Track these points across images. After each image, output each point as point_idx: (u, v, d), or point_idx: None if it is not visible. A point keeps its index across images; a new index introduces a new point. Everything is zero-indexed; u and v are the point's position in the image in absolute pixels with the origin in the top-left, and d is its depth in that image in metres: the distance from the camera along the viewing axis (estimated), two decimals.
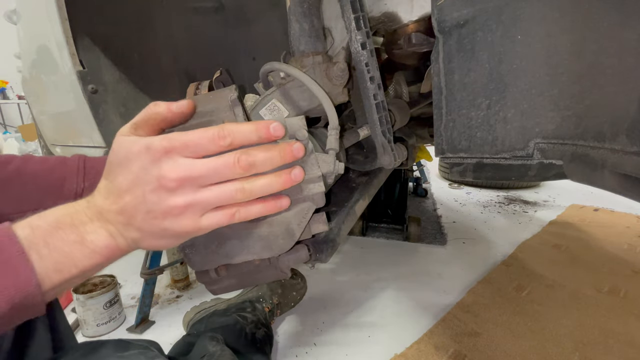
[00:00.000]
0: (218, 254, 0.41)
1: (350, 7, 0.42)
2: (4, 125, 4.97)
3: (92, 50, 0.83)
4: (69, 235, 0.32)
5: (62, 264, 0.31)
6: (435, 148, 0.44)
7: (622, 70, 0.28)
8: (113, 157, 0.33)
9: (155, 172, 0.31)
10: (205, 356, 0.70)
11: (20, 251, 0.30)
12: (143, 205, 0.32)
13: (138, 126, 0.34)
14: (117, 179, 0.33)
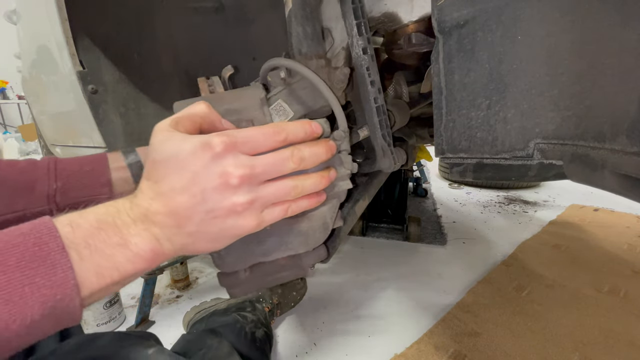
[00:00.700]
0: (255, 253, 0.41)
1: (352, 14, 0.43)
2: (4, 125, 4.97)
3: (92, 51, 0.83)
4: (112, 237, 0.29)
5: (103, 267, 0.28)
6: (435, 148, 0.44)
7: (622, 70, 0.28)
8: (157, 155, 0.31)
9: (217, 169, 0.30)
10: (203, 349, 0.70)
11: (60, 247, 0.27)
12: (202, 205, 0.30)
13: (179, 123, 0.32)
14: (168, 179, 0.30)
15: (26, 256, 0.26)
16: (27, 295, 0.25)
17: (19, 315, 0.25)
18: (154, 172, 0.31)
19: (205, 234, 0.32)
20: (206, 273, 1.32)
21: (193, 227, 0.31)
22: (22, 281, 0.25)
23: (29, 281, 0.25)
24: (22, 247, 0.26)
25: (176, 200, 0.30)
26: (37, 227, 0.27)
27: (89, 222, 0.29)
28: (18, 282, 0.25)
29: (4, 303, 0.25)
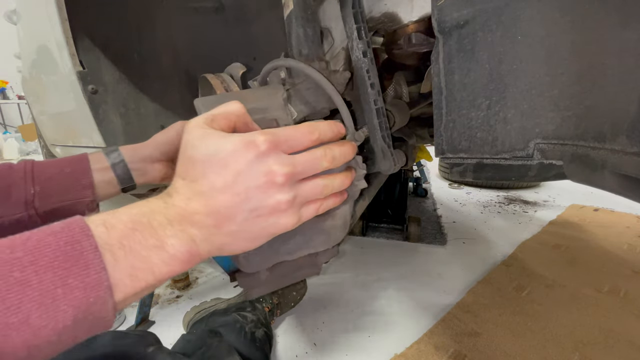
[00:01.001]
0: (279, 252, 0.41)
1: (352, 19, 0.44)
2: (4, 125, 4.98)
3: (92, 51, 0.83)
4: (148, 238, 0.28)
5: (138, 269, 0.27)
6: (435, 148, 0.44)
7: (622, 70, 0.28)
8: (195, 153, 0.30)
9: (262, 167, 0.30)
10: (202, 348, 0.71)
11: (94, 247, 0.25)
12: (246, 204, 0.30)
13: (215, 120, 0.32)
14: (208, 177, 0.30)
15: (58, 256, 0.24)
16: (60, 297, 0.24)
17: (51, 320, 0.23)
18: (191, 171, 0.31)
19: (245, 233, 0.31)
20: (206, 273, 1.32)
21: (234, 226, 0.30)
22: (55, 282, 0.24)
23: (62, 282, 0.24)
24: (53, 246, 0.25)
25: (218, 199, 0.30)
26: (69, 226, 0.26)
27: (123, 222, 0.28)
28: (50, 284, 0.23)
29: (36, 307, 0.23)
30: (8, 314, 0.22)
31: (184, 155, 0.31)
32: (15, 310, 0.22)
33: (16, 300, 0.22)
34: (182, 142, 0.32)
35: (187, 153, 0.31)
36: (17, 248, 0.24)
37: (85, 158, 0.54)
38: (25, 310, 0.22)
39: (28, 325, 0.22)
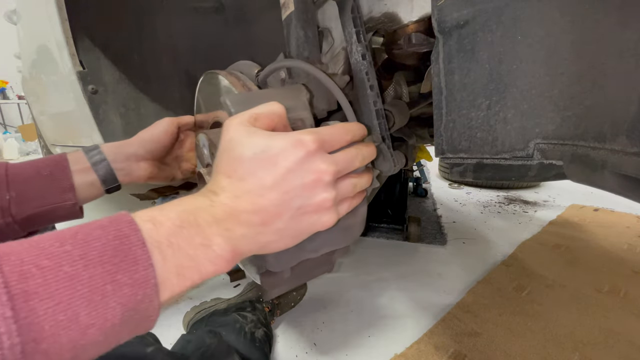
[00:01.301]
0: (306, 250, 0.41)
1: (351, 23, 0.45)
2: (4, 125, 4.98)
3: (92, 51, 0.83)
4: (194, 236, 0.27)
5: (185, 268, 0.27)
6: (435, 148, 0.44)
7: (622, 70, 0.28)
8: (242, 151, 0.30)
9: (312, 166, 0.31)
10: (202, 348, 0.71)
11: (141, 242, 0.24)
12: (294, 201, 0.30)
13: (258, 119, 0.32)
14: (256, 176, 0.30)
15: (107, 250, 0.23)
16: (109, 294, 0.22)
17: (100, 319, 0.22)
18: (239, 169, 0.30)
19: (290, 231, 0.32)
20: None
21: (281, 224, 0.31)
22: (104, 278, 0.22)
23: (111, 278, 0.23)
24: (103, 240, 0.23)
25: (266, 197, 0.30)
26: (116, 220, 0.25)
27: (170, 219, 0.27)
28: (100, 279, 0.22)
29: (85, 304, 0.22)
30: (57, 311, 0.21)
31: (229, 154, 0.31)
32: (65, 307, 0.21)
33: (66, 296, 0.21)
34: (225, 140, 0.32)
35: (234, 151, 0.31)
36: (66, 241, 0.23)
37: (63, 159, 0.51)
38: (75, 308, 0.21)
39: (77, 323, 0.21)
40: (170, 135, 0.58)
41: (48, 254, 0.22)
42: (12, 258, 0.21)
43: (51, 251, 0.22)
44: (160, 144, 0.57)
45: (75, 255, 0.22)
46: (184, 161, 0.64)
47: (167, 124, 0.57)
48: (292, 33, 0.48)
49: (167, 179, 0.62)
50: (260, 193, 0.30)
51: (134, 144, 0.55)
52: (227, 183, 0.30)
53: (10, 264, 0.20)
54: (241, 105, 0.37)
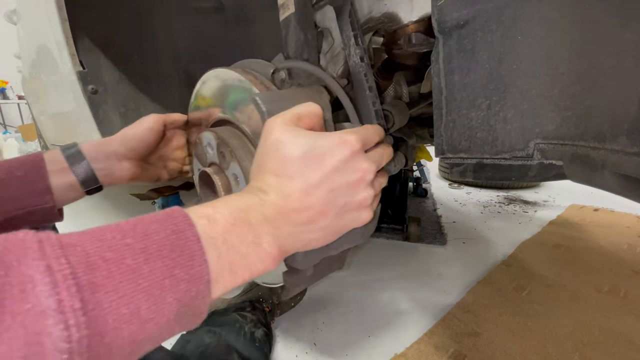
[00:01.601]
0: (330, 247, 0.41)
1: (349, 26, 0.46)
2: (4, 125, 4.97)
3: (92, 51, 0.83)
4: (246, 234, 0.28)
5: (237, 265, 0.27)
6: (435, 148, 0.44)
7: (622, 70, 0.28)
8: (290, 151, 0.31)
9: (357, 165, 0.32)
10: (201, 347, 0.71)
11: (196, 238, 0.25)
12: (340, 199, 0.32)
13: (301, 119, 0.34)
14: (304, 174, 0.30)
15: (166, 244, 0.23)
16: (167, 289, 0.22)
17: (158, 314, 0.22)
18: (287, 168, 0.31)
19: (333, 228, 0.33)
20: None
21: (327, 221, 0.32)
22: (163, 272, 0.22)
23: (169, 273, 0.23)
24: (161, 234, 0.23)
25: (314, 195, 0.31)
26: (171, 214, 0.25)
27: (224, 217, 0.27)
28: (159, 273, 0.22)
29: (145, 298, 0.21)
30: (121, 304, 0.20)
31: (276, 154, 0.32)
32: (128, 300, 0.21)
33: (129, 289, 0.21)
34: (271, 140, 0.32)
35: (281, 151, 0.31)
36: (127, 234, 0.23)
37: (39, 159, 0.47)
38: (137, 301, 0.21)
39: (138, 317, 0.21)
40: (156, 133, 0.55)
41: (111, 246, 0.21)
42: (78, 249, 0.20)
43: (114, 243, 0.22)
44: (144, 142, 0.54)
45: (137, 248, 0.22)
46: (171, 160, 0.62)
47: (152, 121, 0.54)
48: (291, 34, 0.48)
49: (151, 180, 0.60)
50: (308, 191, 0.30)
51: (115, 142, 0.52)
52: (276, 182, 0.31)
53: (76, 255, 0.20)
54: (272, 104, 0.37)
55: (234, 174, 0.46)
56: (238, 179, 0.46)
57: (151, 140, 0.55)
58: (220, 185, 0.47)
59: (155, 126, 0.55)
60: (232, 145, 0.45)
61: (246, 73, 0.45)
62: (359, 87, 0.47)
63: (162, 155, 0.61)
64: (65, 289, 0.19)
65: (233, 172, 0.46)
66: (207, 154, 0.50)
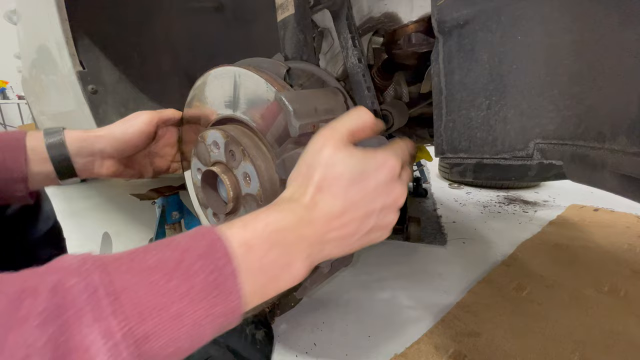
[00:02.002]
0: None
1: (347, 29, 0.47)
2: (4, 125, 4.97)
3: (92, 51, 0.83)
4: (280, 257, 0.29)
5: (268, 287, 0.28)
6: (435, 148, 0.44)
7: (622, 70, 0.28)
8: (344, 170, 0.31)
9: (393, 190, 0.33)
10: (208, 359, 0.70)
11: (235, 275, 0.26)
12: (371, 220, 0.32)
13: (355, 134, 0.34)
14: (347, 194, 0.31)
15: (208, 284, 0.25)
16: (206, 325, 0.25)
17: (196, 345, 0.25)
18: (334, 186, 0.31)
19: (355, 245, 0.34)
20: None
21: (354, 239, 0.33)
22: (204, 312, 0.25)
23: (209, 312, 0.25)
24: (204, 274, 0.25)
25: (351, 215, 0.31)
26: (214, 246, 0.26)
27: (262, 240, 0.28)
28: (201, 313, 0.24)
29: (186, 337, 0.24)
30: (168, 346, 0.23)
31: (326, 169, 0.32)
32: (174, 342, 0.23)
33: (174, 333, 0.23)
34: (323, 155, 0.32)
35: (335, 169, 0.31)
36: (172, 275, 0.24)
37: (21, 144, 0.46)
38: (181, 341, 0.24)
39: (180, 351, 0.24)
40: (146, 136, 0.53)
41: (159, 291, 0.23)
42: (131, 295, 0.22)
43: (161, 287, 0.23)
44: (132, 144, 0.52)
45: (182, 291, 0.24)
46: (158, 157, 0.60)
47: (143, 122, 0.52)
48: (291, 35, 0.48)
49: (133, 177, 0.58)
50: (348, 210, 0.31)
51: (102, 141, 0.50)
52: (320, 197, 0.31)
53: (130, 304, 0.22)
54: (298, 103, 0.38)
55: (245, 172, 0.45)
56: (250, 178, 0.45)
57: (140, 143, 0.53)
58: (228, 185, 0.47)
59: (146, 128, 0.53)
60: (244, 144, 0.44)
61: (260, 72, 0.45)
62: (357, 88, 0.48)
63: (150, 152, 0.59)
64: (125, 348, 0.21)
65: (244, 171, 0.45)
66: (211, 152, 0.49)
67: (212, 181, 0.53)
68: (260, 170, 0.44)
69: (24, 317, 0.19)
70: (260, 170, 0.44)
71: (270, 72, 0.45)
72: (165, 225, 1.14)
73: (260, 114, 0.45)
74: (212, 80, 0.52)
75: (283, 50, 0.49)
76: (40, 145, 0.47)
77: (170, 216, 1.15)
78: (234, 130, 0.46)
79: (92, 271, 0.22)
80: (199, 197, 0.55)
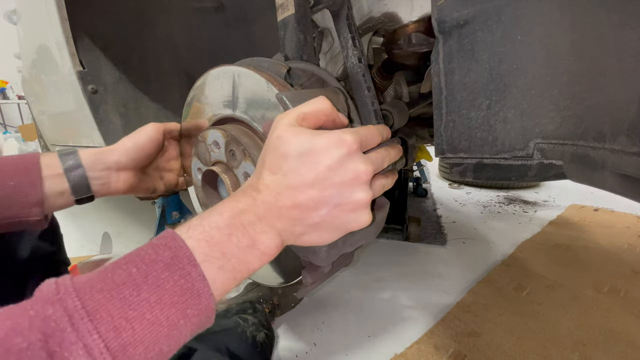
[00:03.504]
0: (346, 244, 0.42)
1: (347, 29, 0.47)
2: (4, 125, 4.97)
3: (92, 51, 0.83)
4: (242, 239, 0.30)
5: (237, 271, 0.30)
6: (435, 148, 0.44)
7: (622, 70, 0.28)
8: (289, 149, 0.32)
9: (351, 165, 0.32)
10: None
11: (202, 276, 0.28)
12: (332, 198, 0.32)
13: (306, 118, 0.34)
14: (299, 172, 0.31)
15: (177, 291, 0.26)
16: (182, 326, 0.27)
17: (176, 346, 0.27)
18: (284, 166, 0.32)
19: (326, 225, 0.33)
20: None
21: (317, 218, 0.32)
22: (177, 315, 0.26)
23: (182, 314, 0.27)
24: (171, 282, 0.27)
25: (306, 193, 0.31)
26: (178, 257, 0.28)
27: (220, 230, 0.29)
28: (174, 317, 0.26)
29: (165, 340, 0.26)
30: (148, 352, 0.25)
31: (275, 151, 0.32)
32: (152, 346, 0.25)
33: (152, 339, 0.25)
34: (274, 138, 0.33)
35: (280, 149, 0.32)
36: (142, 287, 0.26)
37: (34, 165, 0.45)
38: (160, 345, 0.26)
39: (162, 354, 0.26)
40: (156, 143, 0.54)
41: (131, 304, 0.25)
42: (104, 315, 0.24)
43: (132, 301, 0.25)
44: (145, 152, 0.53)
45: (153, 301, 0.26)
46: (166, 171, 0.61)
47: (152, 130, 0.53)
48: (291, 35, 0.48)
49: (147, 192, 0.58)
50: (300, 189, 0.31)
51: (116, 152, 0.51)
52: (271, 180, 0.32)
53: (104, 322, 0.24)
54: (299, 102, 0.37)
55: (245, 172, 0.45)
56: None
57: (151, 150, 0.54)
58: (229, 184, 0.46)
59: (155, 135, 0.54)
60: (244, 143, 0.44)
61: (261, 71, 0.44)
62: (357, 88, 0.48)
63: (159, 166, 0.59)
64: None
65: (244, 170, 0.45)
66: (211, 152, 0.49)
67: (212, 181, 0.53)
68: None
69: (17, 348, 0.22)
70: None
71: (271, 72, 0.45)
72: (165, 225, 1.14)
73: (262, 113, 0.45)
74: (211, 80, 0.52)
75: (283, 50, 0.50)
76: (56, 162, 0.47)
77: (170, 216, 1.15)
78: (235, 130, 0.46)
79: (65, 299, 0.24)
80: (199, 197, 0.55)
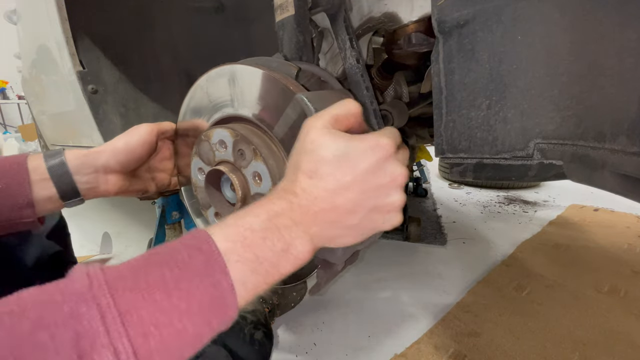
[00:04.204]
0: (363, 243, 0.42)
1: (344, 31, 0.47)
2: (4, 125, 4.97)
3: (92, 50, 0.83)
4: (277, 244, 0.30)
5: (269, 274, 0.30)
6: (435, 148, 0.44)
7: (622, 70, 0.28)
8: (326, 154, 0.32)
9: (389, 169, 0.33)
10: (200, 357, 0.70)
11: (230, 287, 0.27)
12: (370, 201, 0.32)
13: (339, 120, 0.34)
14: (336, 176, 0.31)
15: (206, 300, 0.26)
16: (206, 335, 0.27)
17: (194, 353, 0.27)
18: (320, 169, 0.32)
19: (360, 228, 0.33)
20: None
21: (355, 220, 0.33)
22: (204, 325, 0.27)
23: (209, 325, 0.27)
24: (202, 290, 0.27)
25: (344, 196, 0.31)
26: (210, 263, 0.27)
27: (256, 233, 0.29)
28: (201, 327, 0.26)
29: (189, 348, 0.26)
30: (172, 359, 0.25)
31: (312, 155, 0.32)
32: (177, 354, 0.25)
33: (177, 348, 0.25)
34: (308, 141, 0.33)
35: (316, 153, 0.32)
36: (172, 293, 0.25)
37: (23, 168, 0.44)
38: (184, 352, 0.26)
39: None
40: (148, 145, 0.52)
41: (161, 309, 0.25)
42: (134, 317, 0.24)
43: (163, 306, 0.25)
44: (135, 155, 0.51)
45: (182, 308, 0.25)
46: (159, 172, 0.59)
47: (145, 132, 0.51)
48: (290, 36, 0.48)
49: (137, 193, 0.57)
50: (338, 192, 0.31)
51: (104, 155, 0.49)
52: (308, 184, 0.32)
53: (134, 326, 0.23)
54: (318, 103, 0.38)
55: (255, 172, 0.45)
56: (261, 178, 0.45)
57: (143, 153, 0.52)
58: (237, 184, 0.46)
59: (148, 138, 0.52)
60: (255, 143, 0.44)
61: (272, 71, 0.44)
62: (356, 88, 0.48)
63: (151, 166, 0.58)
64: None
65: (254, 170, 0.45)
66: (216, 151, 0.48)
67: (215, 181, 0.52)
68: (273, 169, 0.44)
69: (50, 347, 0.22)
70: (273, 170, 0.44)
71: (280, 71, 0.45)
72: (165, 225, 1.14)
73: (271, 113, 0.45)
74: (216, 79, 0.51)
75: (282, 51, 0.49)
76: (41, 165, 0.46)
77: (170, 216, 1.15)
78: (244, 129, 0.46)
79: (98, 296, 0.23)
80: (200, 197, 0.55)
